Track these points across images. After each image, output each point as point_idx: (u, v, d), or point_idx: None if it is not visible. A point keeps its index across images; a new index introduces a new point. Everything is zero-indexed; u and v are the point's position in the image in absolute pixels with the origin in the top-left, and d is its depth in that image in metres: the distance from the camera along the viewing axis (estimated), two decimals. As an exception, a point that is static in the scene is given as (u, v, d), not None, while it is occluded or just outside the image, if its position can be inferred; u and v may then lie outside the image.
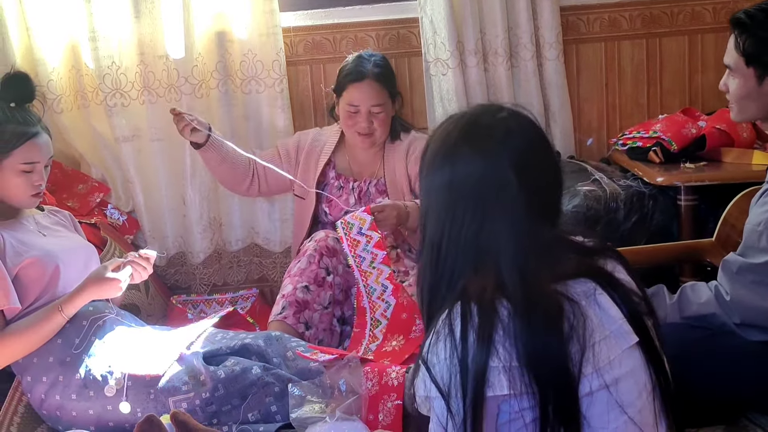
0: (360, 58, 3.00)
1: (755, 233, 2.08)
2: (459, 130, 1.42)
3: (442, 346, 1.31)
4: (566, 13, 3.36)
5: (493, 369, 1.29)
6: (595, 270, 1.39)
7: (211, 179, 3.35)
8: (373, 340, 2.61)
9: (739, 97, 2.16)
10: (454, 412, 1.30)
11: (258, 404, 2.28)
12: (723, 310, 2.11)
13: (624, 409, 1.32)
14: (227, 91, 3.29)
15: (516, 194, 1.36)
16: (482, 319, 1.30)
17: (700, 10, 3.39)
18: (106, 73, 3.21)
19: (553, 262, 1.37)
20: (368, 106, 2.93)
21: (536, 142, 1.42)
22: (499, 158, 1.37)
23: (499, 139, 1.39)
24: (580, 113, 3.46)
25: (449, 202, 1.39)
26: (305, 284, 2.75)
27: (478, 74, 3.30)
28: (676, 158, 3.00)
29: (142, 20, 3.21)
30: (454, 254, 1.38)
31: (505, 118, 1.42)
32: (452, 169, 1.39)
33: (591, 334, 1.31)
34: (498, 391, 1.29)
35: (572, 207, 2.93)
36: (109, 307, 2.52)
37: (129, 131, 3.28)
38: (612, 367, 1.33)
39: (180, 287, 3.44)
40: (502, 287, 1.33)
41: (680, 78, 3.44)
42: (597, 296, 1.35)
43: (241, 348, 2.42)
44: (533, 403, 1.30)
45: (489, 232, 1.36)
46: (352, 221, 2.71)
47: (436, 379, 1.31)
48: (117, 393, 2.30)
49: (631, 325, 1.36)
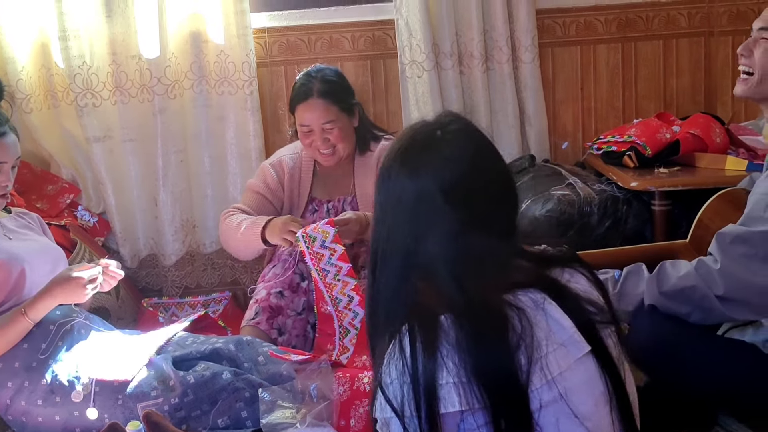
0: (307, 76, 2.87)
1: (760, 202, 2.03)
2: (399, 146, 1.45)
3: (393, 365, 1.32)
4: (542, 16, 3.36)
5: (444, 385, 1.29)
6: (545, 280, 1.39)
7: (184, 180, 3.33)
8: (343, 351, 2.58)
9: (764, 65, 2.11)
10: (411, 431, 1.29)
11: (228, 410, 2.26)
12: (705, 281, 2.06)
13: (581, 421, 1.31)
14: (202, 91, 3.27)
15: (447, 213, 1.38)
16: (426, 334, 1.30)
17: (675, 15, 3.40)
18: (77, 73, 3.18)
19: (498, 274, 1.37)
20: (319, 125, 2.79)
21: (473, 159, 1.43)
22: (426, 178, 1.39)
23: (427, 162, 1.41)
24: (556, 117, 3.46)
25: (385, 214, 1.42)
26: (279, 290, 2.72)
27: (453, 77, 3.30)
28: (651, 163, 3.00)
29: (115, 19, 3.18)
30: (389, 266, 1.40)
31: (441, 137, 1.43)
32: (387, 187, 1.43)
33: (540, 344, 1.31)
34: (450, 407, 1.29)
35: (546, 211, 2.93)
36: (78, 311, 2.49)
37: (100, 132, 3.24)
38: (564, 378, 1.32)
39: (151, 290, 3.41)
40: (444, 299, 1.34)
41: (655, 82, 3.45)
42: (546, 305, 1.35)
43: (211, 352, 2.39)
44: (489, 418, 1.29)
45: (423, 247, 1.38)
46: (313, 234, 2.59)
47: (390, 399, 1.31)
48: (84, 399, 2.26)
49: (582, 334, 1.35)
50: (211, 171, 3.32)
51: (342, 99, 2.84)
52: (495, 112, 3.37)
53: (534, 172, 3.17)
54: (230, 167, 3.33)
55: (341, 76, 2.92)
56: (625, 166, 3.05)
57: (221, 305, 3.29)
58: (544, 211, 2.94)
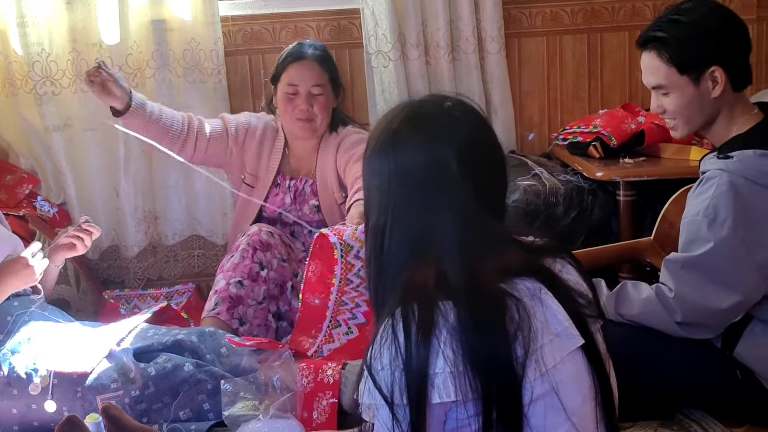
0: (300, 44, 2.94)
1: (695, 224, 2.08)
2: (403, 116, 1.38)
3: (386, 351, 1.27)
4: (508, 6, 3.36)
5: (440, 374, 1.25)
6: (540, 269, 1.36)
7: (146, 170, 3.28)
8: (328, 340, 2.53)
9: (682, 109, 2.15)
10: (400, 419, 1.25)
11: (190, 402, 2.24)
12: (665, 308, 2.11)
13: (568, 416, 1.29)
14: (164, 80, 3.22)
15: (460, 184, 1.32)
16: (423, 319, 1.26)
17: (641, 6, 3.41)
18: (35, 61, 3.11)
19: (498, 258, 1.33)
20: (308, 86, 2.83)
21: (482, 134, 1.39)
22: (443, 146, 1.33)
23: (442, 126, 1.35)
24: (522, 107, 3.46)
25: (392, 188, 1.35)
26: (239, 279, 2.69)
27: (419, 67, 3.28)
28: (616, 153, 3.02)
29: (75, 6, 3.12)
30: (398, 242, 1.34)
31: (450, 107, 1.39)
32: (395, 155, 1.35)
33: (536, 335, 1.28)
34: (446, 397, 1.25)
35: (512, 202, 2.93)
36: (36, 302, 2.44)
37: (60, 120, 3.18)
38: (557, 370, 1.29)
39: (113, 282, 3.36)
40: (444, 282, 1.29)
41: (621, 73, 3.46)
42: (542, 295, 1.31)
43: (173, 344, 2.37)
44: (479, 409, 1.26)
45: (433, 222, 1.33)
46: (351, 243, 2.43)
47: (380, 386, 1.26)
48: (42, 391, 2.23)
49: (577, 328, 1.33)
50: (173, 160, 3.25)
51: (333, 70, 2.93)
52: (461, 102, 3.36)
53: (500, 162, 3.17)
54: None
55: (330, 53, 3.01)
56: (591, 156, 3.05)
57: (184, 297, 3.25)
58: (510, 201, 2.93)
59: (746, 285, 2.06)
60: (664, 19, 2.13)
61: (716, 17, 2.11)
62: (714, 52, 2.08)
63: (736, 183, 2.04)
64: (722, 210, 2.04)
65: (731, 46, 2.11)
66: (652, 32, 2.13)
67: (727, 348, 2.15)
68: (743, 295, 2.06)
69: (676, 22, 2.10)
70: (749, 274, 2.05)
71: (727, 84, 2.10)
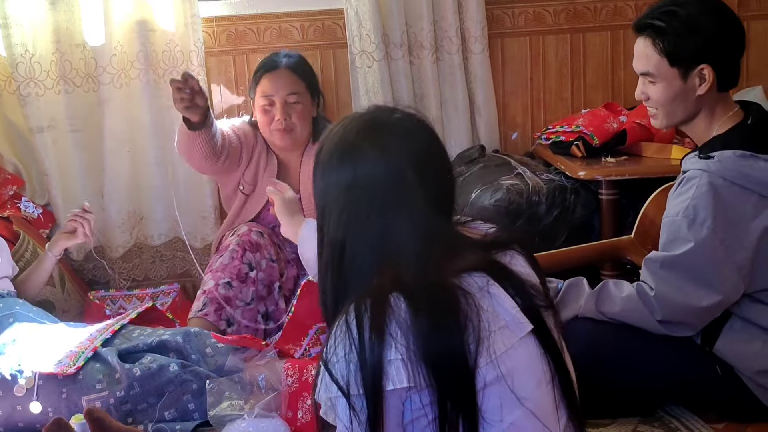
0: (274, 54, 2.91)
1: (675, 224, 2.11)
2: (357, 129, 1.42)
3: (341, 344, 1.30)
4: (491, 7, 3.37)
5: (393, 361, 1.28)
6: (489, 263, 1.40)
7: (131, 171, 3.28)
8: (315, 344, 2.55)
9: (666, 101, 2.16)
10: (357, 409, 1.29)
11: (175, 402, 2.24)
12: (646, 306, 2.14)
13: (521, 401, 1.32)
14: (149, 81, 3.22)
15: (415, 190, 1.37)
16: (375, 312, 1.30)
17: (623, 6, 3.43)
18: (19, 62, 3.11)
19: (451, 257, 1.38)
20: (283, 96, 2.79)
21: (431, 141, 1.45)
22: (398, 155, 1.39)
23: (397, 137, 1.41)
24: (505, 107, 3.48)
25: (351, 200, 1.39)
26: (227, 280, 2.70)
27: (404, 67, 3.29)
28: (598, 152, 3.04)
29: (59, 7, 3.11)
30: (360, 252, 1.38)
31: (401, 118, 1.45)
32: (353, 168, 1.39)
33: (486, 325, 1.32)
34: (398, 383, 1.28)
35: (494, 201, 2.94)
36: (21, 303, 2.45)
37: (44, 121, 3.17)
38: (508, 356, 1.33)
39: (98, 282, 3.35)
40: (399, 282, 1.33)
41: (603, 73, 3.48)
42: (490, 288, 1.36)
43: (158, 345, 2.37)
44: (434, 398, 1.29)
45: (393, 229, 1.37)
46: None
47: (336, 378, 1.30)
48: (27, 392, 2.23)
49: (526, 315, 1.37)
50: (158, 162, 3.27)
51: (309, 78, 2.88)
52: (445, 102, 3.38)
53: (484, 162, 3.19)
54: (178, 158, 3.28)
55: (307, 61, 2.99)
56: (573, 155, 3.07)
57: (170, 297, 3.25)
58: (493, 200, 2.95)
59: (725, 284, 2.08)
60: (663, 8, 2.12)
61: (715, 15, 2.10)
62: (707, 50, 2.09)
63: (716, 184, 2.06)
64: (702, 211, 2.06)
65: (724, 47, 2.12)
66: (650, 19, 2.13)
67: (707, 344, 2.17)
68: (722, 294, 2.08)
69: (674, 14, 2.09)
70: (728, 274, 2.07)
71: (714, 83, 2.11)
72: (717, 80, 2.12)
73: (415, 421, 1.31)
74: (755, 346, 2.13)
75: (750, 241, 2.07)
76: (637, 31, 2.17)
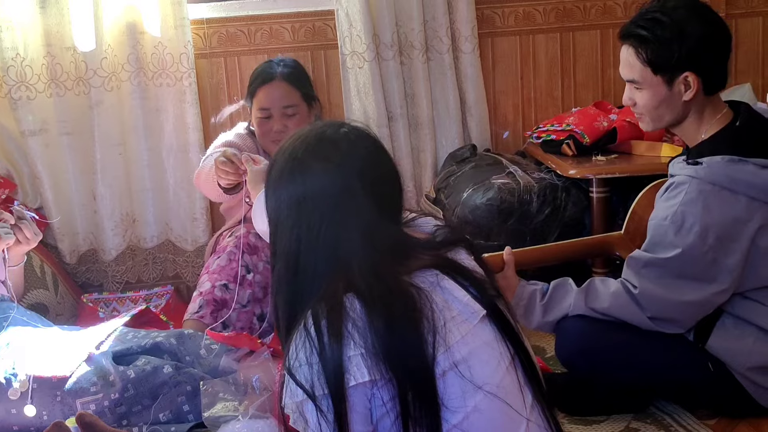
0: (268, 63, 2.89)
1: (662, 228, 2.12)
2: (305, 145, 1.48)
3: (301, 350, 1.34)
4: (481, 6, 3.38)
5: (353, 357, 1.32)
6: (439, 260, 1.45)
7: (123, 173, 3.28)
8: None
9: (652, 108, 2.17)
10: (324, 410, 1.32)
11: (169, 404, 2.24)
12: (633, 302, 2.15)
13: (480, 386, 1.36)
14: (140, 84, 3.22)
15: (363, 200, 1.43)
16: (331, 314, 1.34)
17: (612, 5, 3.45)
18: (10, 65, 3.11)
19: (401, 260, 1.43)
20: (279, 108, 2.79)
21: (376, 151, 1.51)
22: (344, 168, 1.44)
23: (343, 150, 1.46)
24: (496, 106, 3.49)
25: (302, 213, 1.44)
26: (224, 282, 2.69)
27: (394, 67, 3.30)
28: (589, 151, 3.05)
29: (49, 10, 3.12)
30: (313, 263, 1.42)
31: (346, 132, 1.50)
32: (303, 182, 1.44)
33: (440, 316, 1.37)
34: (360, 378, 1.32)
35: (486, 200, 2.95)
36: (14, 307, 2.45)
37: (36, 125, 3.18)
38: (464, 343, 1.37)
39: (91, 285, 3.35)
40: (352, 285, 1.37)
41: (593, 71, 3.50)
42: (441, 282, 1.41)
43: (152, 347, 2.37)
44: (395, 392, 1.33)
45: (343, 237, 1.42)
46: None
47: (300, 382, 1.33)
48: (21, 396, 2.22)
49: (478, 302, 1.42)
50: (149, 164, 3.28)
51: (304, 85, 2.86)
52: (436, 102, 3.39)
53: (475, 161, 3.20)
54: (169, 160, 3.30)
55: (302, 66, 2.96)
56: (564, 154, 3.09)
57: (163, 299, 3.26)
58: (484, 199, 2.96)
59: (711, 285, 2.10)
60: (648, 15, 2.12)
61: (699, 22, 2.09)
62: (689, 58, 2.09)
63: (705, 190, 2.08)
64: (689, 217, 2.07)
65: (708, 54, 2.11)
66: (634, 28, 2.13)
67: (699, 341, 2.18)
68: (707, 291, 2.10)
69: (658, 21, 2.09)
70: (716, 275, 2.09)
71: (699, 89, 2.12)
72: (703, 86, 2.12)
73: (380, 420, 1.35)
74: (747, 342, 2.14)
75: (742, 243, 2.08)
76: (622, 39, 2.18)
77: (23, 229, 2.48)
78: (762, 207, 2.08)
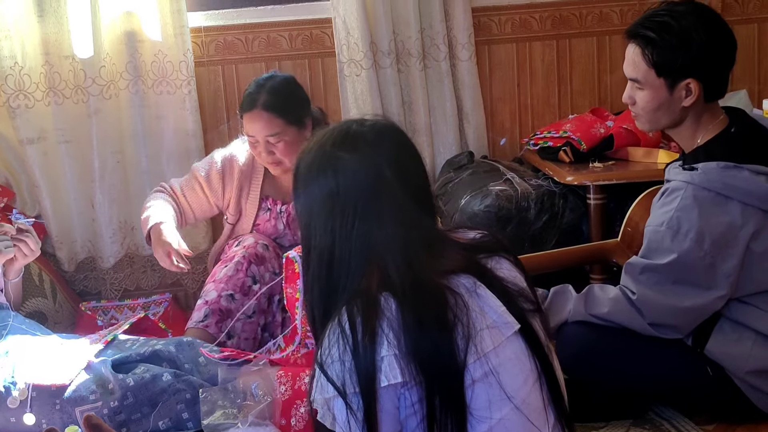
0: (256, 85, 2.74)
1: (658, 234, 2.13)
2: (332, 141, 1.47)
3: (334, 346, 1.34)
4: (478, 14, 3.40)
5: (386, 357, 1.32)
6: (475, 265, 1.44)
7: (121, 181, 3.29)
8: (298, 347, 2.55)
9: (650, 109, 2.18)
10: (354, 408, 1.32)
11: (169, 412, 2.24)
12: (633, 308, 2.16)
13: (509, 398, 1.36)
14: (138, 92, 3.23)
15: (395, 188, 1.43)
16: (366, 312, 1.34)
17: (608, 12, 3.46)
18: (8, 74, 3.12)
19: (437, 257, 1.42)
20: (263, 137, 2.70)
21: (405, 143, 1.51)
22: (376, 159, 1.44)
23: (371, 142, 1.46)
24: (493, 113, 3.50)
25: (335, 208, 1.43)
26: (231, 292, 2.67)
27: (392, 75, 3.31)
28: (586, 158, 3.06)
29: (47, 19, 3.12)
30: (348, 258, 1.42)
31: (371, 124, 1.50)
32: (334, 177, 1.44)
33: (474, 323, 1.36)
34: (392, 379, 1.32)
35: (484, 207, 2.96)
36: (13, 316, 2.45)
37: (34, 133, 3.18)
38: (496, 354, 1.37)
39: (90, 293, 3.35)
40: (388, 281, 1.37)
41: (589, 78, 3.51)
42: (477, 289, 1.40)
43: (151, 355, 2.37)
44: (423, 394, 1.33)
45: (378, 231, 1.41)
46: None
47: (332, 378, 1.33)
48: (21, 404, 2.22)
49: (512, 314, 1.41)
50: (148, 171, 3.28)
51: (289, 111, 2.71)
52: (433, 109, 3.40)
53: (473, 168, 3.21)
54: (168, 167, 3.30)
55: (293, 85, 2.80)
56: (561, 161, 3.10)
57: (162, 307, 3.25)
58: (482, 206, 2.97)
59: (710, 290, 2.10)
60: (657, 17, 2.12)
61: (706, 30, 2.09)
62: (694, 66, 2.10)
63: (700, 196, 2.09)
64: (685, 223, 2.08)
65: (713, 63, 2.12)
66: (642, 28, 2.13)
67: (698, 346, 2.19)
68: (705, 296, 2.11)
69: (667, 25, 2.09)
70: (713, 280, 2.10)
71: (699, 96, 2.13)
72: (704, 93, 2.13)
73: (407, 419, 1.35)
74: (745, 346, 2.15)
75: (738, 249, 2.09)
76: (628, 37, 2.18)
77: (27, 242, 2.46)
78: (756, 213, 2.09)
